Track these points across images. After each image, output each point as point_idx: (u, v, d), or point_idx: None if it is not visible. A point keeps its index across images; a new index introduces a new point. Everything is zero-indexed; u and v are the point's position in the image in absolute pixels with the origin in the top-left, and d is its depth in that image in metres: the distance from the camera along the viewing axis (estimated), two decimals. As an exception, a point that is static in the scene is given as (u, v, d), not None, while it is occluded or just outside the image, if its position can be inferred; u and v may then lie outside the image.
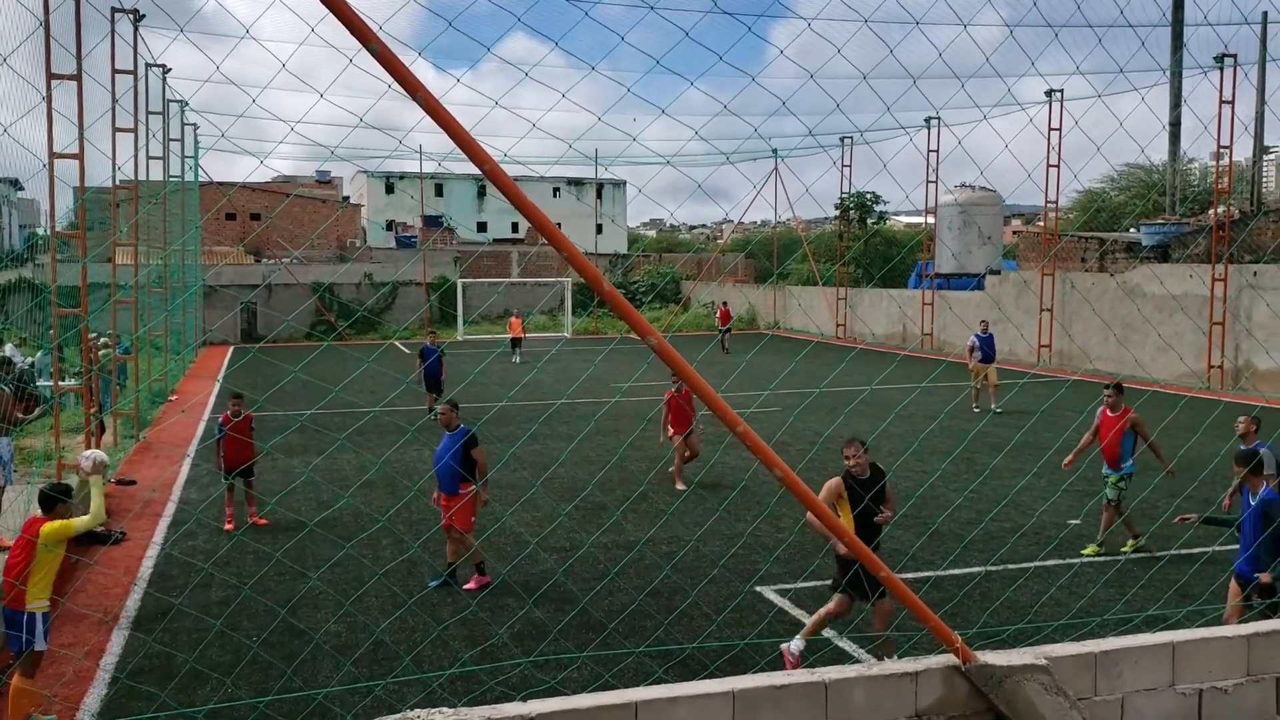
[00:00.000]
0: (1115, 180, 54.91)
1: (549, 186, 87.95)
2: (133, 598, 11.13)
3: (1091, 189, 55.78)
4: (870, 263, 52.19)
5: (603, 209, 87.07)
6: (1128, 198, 51.57)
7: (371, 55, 4.18)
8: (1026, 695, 5.04)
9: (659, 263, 65.66)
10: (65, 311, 16.96)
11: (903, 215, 67.84)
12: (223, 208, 59.02)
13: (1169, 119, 34.04)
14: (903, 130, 38.64)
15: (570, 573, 11.56)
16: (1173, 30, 33.93)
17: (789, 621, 9.96)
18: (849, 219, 53.14)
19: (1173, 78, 31.41)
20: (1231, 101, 26.59)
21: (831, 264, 50.28)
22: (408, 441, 19.96)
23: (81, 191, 16.22)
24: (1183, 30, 33.51)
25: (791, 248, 60.05)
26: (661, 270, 61.13)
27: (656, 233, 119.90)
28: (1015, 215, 73.26)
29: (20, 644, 7.80)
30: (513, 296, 53.25)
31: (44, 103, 14.18)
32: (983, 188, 39.84)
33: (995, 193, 40.73)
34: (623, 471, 16.83)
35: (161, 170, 26.94)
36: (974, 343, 23.91)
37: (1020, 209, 67.88)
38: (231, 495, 14.23)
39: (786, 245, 61.65)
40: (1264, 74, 32.18)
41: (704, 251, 76.40)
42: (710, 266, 61.91)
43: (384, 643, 9.47)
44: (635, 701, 4.70)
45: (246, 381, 30.07)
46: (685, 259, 66.99)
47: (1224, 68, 26.40)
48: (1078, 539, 12.60)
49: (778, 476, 4.86)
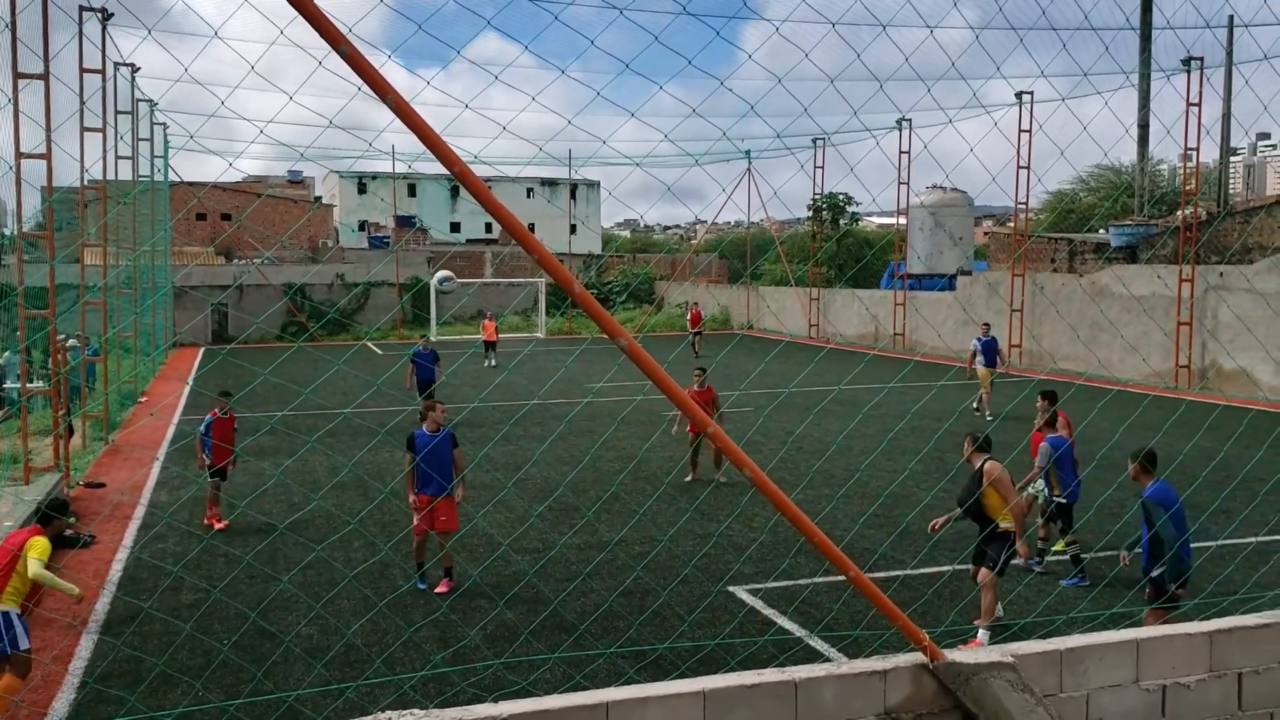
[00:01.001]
0: (1085, 182, 55.46)
1: (523, 187, 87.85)
2: (101, 601, 11.06)
3: (1062, 190, 56.32)
4: (843, 263, 52.47)
5: (576, 210, 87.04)
6: (1097, 199, 52.10)
7: (341, 58, 4.17)
8: (993, 692, 5.10)
9: (633, 263, 65.73)
10: (32, 313, 16.82)
11: (875, 216, 68.28)
12: (193, 208, 58.55)
13: (1137, 121, 34.41)
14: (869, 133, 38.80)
15: (542, 574, 11.57)
16: (1141, 33, 34.31)
17: (760, 621, 10.01)
18: (821, 220, 53.38)
19: (1140, 80, 31.74)
20: (1198, 104, 26.93)
21: (805, 265, 50.46)
22: (379, 444, 19.90)
23: (50, 193, 16.08)
24: (1150, 33, 33.88)
25: (765, 248, 60.27)
26: (635, 271, 61.15)
27: (631, 233, 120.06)
28: (987, 216, 73.73)
29: (4, 645, 7.82)
30: (486, 297, 53.13)
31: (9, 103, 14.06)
32: (953, 189, 40.14)
33: (965, 194, 41.05)
34: (596, 472, 16.85)
35: (130, 170, 26.74)
36: (975, 347, 23.14)
37: (992, 210, 68.32)
38: (217, 494, 14.13)
39: (760, 246, 61.84)
40: (1230, 77, 32.61)
41: (677, 252, 76.55)
42: (683, 267, 62.02)
43: (355, 645, 9.45)
44: (606, 702, 4.72)
45: (217, 383, 29.86)
46: (658, 259, 67.09)
47: (1190, 71, 26.72)
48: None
49: (747, 476, 4.88)
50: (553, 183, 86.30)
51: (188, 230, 59.54)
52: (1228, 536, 12.43)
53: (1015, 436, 19.09)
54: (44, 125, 15.32)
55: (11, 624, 7.82)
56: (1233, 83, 32.97)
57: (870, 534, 12.91)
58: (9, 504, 12.93)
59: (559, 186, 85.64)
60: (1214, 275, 27.18)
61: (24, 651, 7.94)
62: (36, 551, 7.93)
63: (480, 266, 60.82)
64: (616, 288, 57.91)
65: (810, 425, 19.68)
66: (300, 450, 18.95)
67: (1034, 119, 31.12)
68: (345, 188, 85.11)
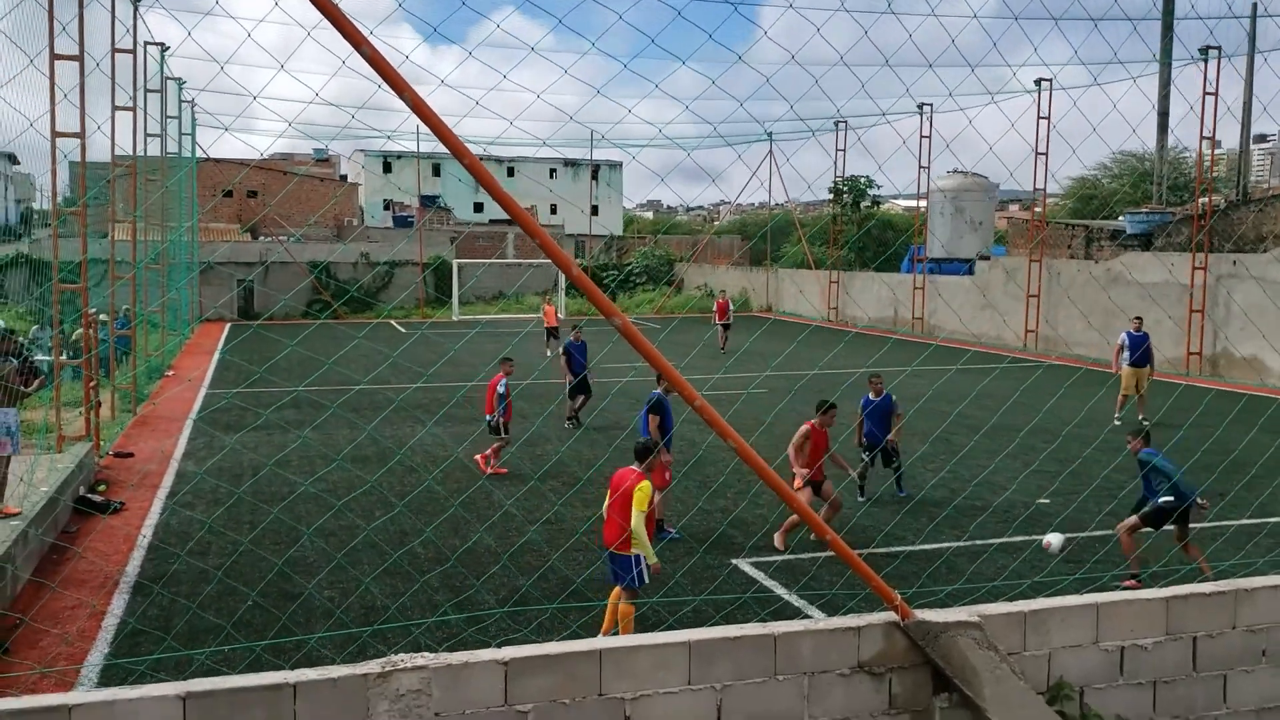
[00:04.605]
0: (1108, 168, 55.35)
1: (546, 167, 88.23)
2: (132, 564, 11.56)
3: (1084, 176, 56.23)
4: (863, 246, 52.62)
5: (599, 190, 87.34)
6: (1119, 185, 52.02)
7: (363, 59, 4.58)
8: (960, 649, 5.49)
9: (654, 244, 66.02)
10: (66, 287, 17.34)
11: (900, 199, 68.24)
12: (219, 185, 59.24)
13: (1157, 108, 34.42)
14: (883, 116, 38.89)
15: (554, 545, 12.00)
16: (1163, 22, 34.27)
17: (762, 592, 10.43)
18: (842, 203, 53.52)
19: (1161, 68, 31.77)
20: (1215, 93, 26.99)
21: (827, 247, 50.69)
22: (400, 417, 20.41)
23: (83, 169, 16.58)
24: (1173, 22, 33.84)
25: (787, 230, 60.48)
26: (656, 252, 61.45)
27: (654, 214, 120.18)
28: (1013, 200, 73.58)
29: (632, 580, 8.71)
30: (508, 277, 53.62)
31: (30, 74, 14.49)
32: (973, 174, 40.24)
33: (985, 179, 41.15)
34: (616, 450, 17.30)
35: (159, 147, 27.28)
36: (1123, 341, 20.59)
37: (1018, 194, 68.21)
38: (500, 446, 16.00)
39: (781, 228, 62.02)
40: (1252, 65, 32.56)
41: (698, 233, 76.77)
42: (705, 248, 62.28)
43: (374, 606, 9.92)
44: (600, 649, 5.14)
45: (244, 357, 30.51)
46: (678, 240, 67.36)
47: (1208, 59, 26.77)
48: (1044, 517, 13.05)
49: (732, 448, 5.29)
50: (575, 163, 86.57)
51: (214, 207, 60.24)
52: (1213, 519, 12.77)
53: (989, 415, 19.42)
54: (78, 104, 15.82)
55: (643, 567, 8.66)
56: (1254, 71, 32.92)
57: (876, 512, 13.30)
58: (44, 470, 13.46)
59: (582, 167, 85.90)
60: (1227, 263, 27.31)
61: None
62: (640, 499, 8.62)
63: (503, 246, 61.30)
64: (636, 269, 58.24)
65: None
66: (318, 419, 19.48)
67: (1055, 104, 31.22)
68: (370, 167, 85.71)
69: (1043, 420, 16.22)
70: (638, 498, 8.49)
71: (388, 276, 52.16)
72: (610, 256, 62.28)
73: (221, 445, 18.09)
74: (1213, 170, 29.54)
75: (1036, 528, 12.69)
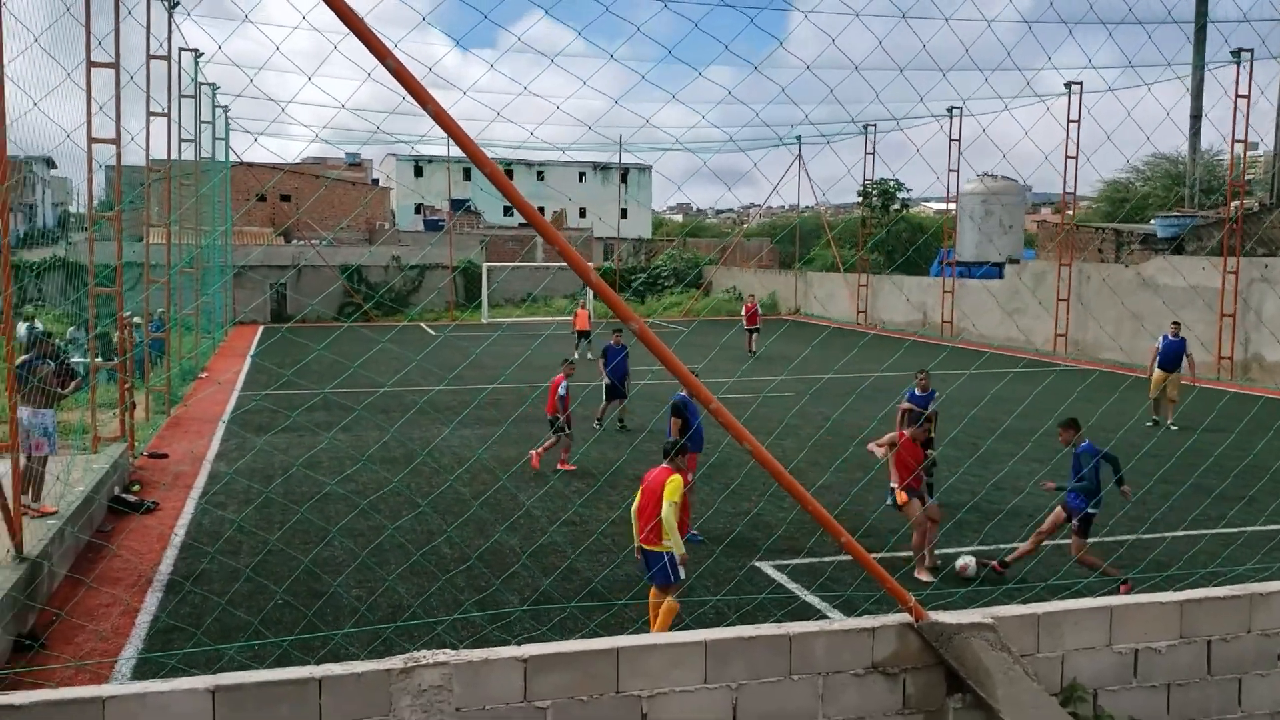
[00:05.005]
0: (1140, 171, 54.90)
1: (575, 171, 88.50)
2: (165, 563, 11.78)
3: (1116, 179, 55.78)
4: (892, 249, 52.51)
5: (628, 193, 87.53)
6: (1152, 188, 51.61)
7: (388, 71, 4.72)
8: (974, 650, 5.56)
9: (683, 247, 66.07)
10: (102, 290, 17.65)
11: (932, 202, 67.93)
12: (253, 189, 59.87)
13: (1189, 112, 34.16)
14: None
15: (575, 545, 12.12)
16: (1196, 24, 34.02)
17: (783, 594, 10.50)
18: (871, 206, 53.41)
19: (1194, 70, 31.54)
20: (1247, 96, 26.78)
21: (856, 250, 50.60)
22: (426, 419, 20.62)
23: (119, 176, 16.88)
24: (1205, 24, 33.59)
25: (816, 234, 60.41)
26: (683, 255, 61.52)
27: (683, 217, 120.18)
28: (1045, 204, 73.03)
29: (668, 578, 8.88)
30: (536, 280, 53.88)
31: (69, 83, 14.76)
32: (1003, 177, 40.06)
33: (1015, 182, 40.95)
34: (635, 451, 17.40)
35: (193, 152, 27.66)
36: (1158, 345, 20.94)
37: (1052, 198, 67.76)
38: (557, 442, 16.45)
39: (810, 231, 61.96)
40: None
41: (727, 235, 76.78)
42: (734, 251, 62.29)
43: (401, 605, 10.08)
44: (618, 647, 5.26)
45: (275, 360, 30.85)
46: (707, 242, 67.41)
47: (1240, 62, 26.56)
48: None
49: (748, 449, 5.39)
50: (605, 167, 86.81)
51: (247, 211, 60.88)
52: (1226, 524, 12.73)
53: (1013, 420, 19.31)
54: (114, 111, 16.12)
55: (675, 563, 8.84)
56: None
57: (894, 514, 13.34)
58: (80, 469, 13.72)
59: (611, 170, 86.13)
60: (1259, 267, 27.07)
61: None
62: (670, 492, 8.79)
63: (532, 250, 61.59)
64: (665, 271, 58.33)
65: (848, 410, 20.04)
66: (349, 420, 19.71)
67: (1084, 107, 31.06)
68: (402, 170, 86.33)
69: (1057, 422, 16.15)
70: (669, 489, 8.70)
71: (418, 280, 52.53)
72: (639, 259, 62.42)
73: (253, 446, 18.34)
74: (1245, 173, 29.27)
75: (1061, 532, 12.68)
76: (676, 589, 8.93)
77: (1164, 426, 20.41)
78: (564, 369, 16.72)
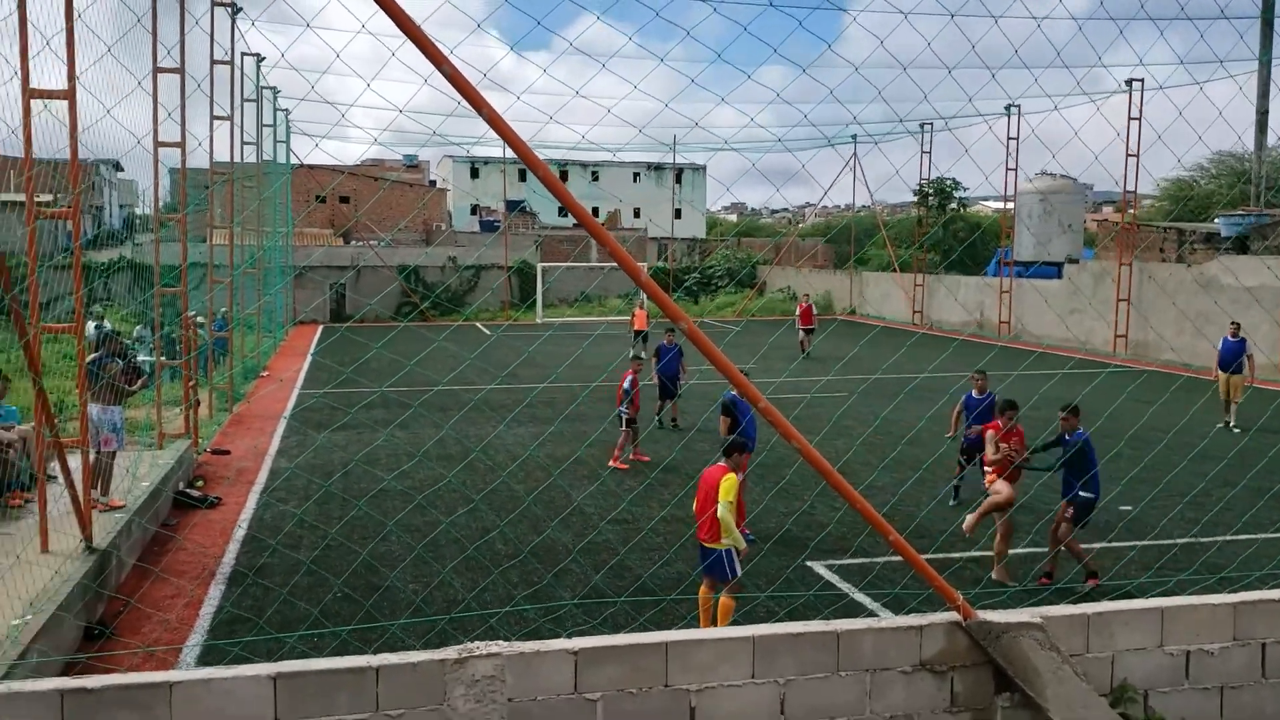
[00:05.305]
0: (1205, 169, 53.87)
1: (629, 171, 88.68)
2: (228, 556, 12.07)
3: (1180, 177, 54.79)
4: (949, 249, 52.00)
5: (682, 193, 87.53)
6: (1216, 186, 50.62)
7: (444, 77, 4.85)
8: (1022, 649, 5.57)
9: (737, 247, 65.94)
10: (167, 291, 18.09)
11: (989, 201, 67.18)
12: (313, 190, 60.79)
13: (1256, 108, 33.50)
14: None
15: (630, 545, 12.23)
16: (1262, 19, 33.37)
17: (833, 593, 10.52)
18: (928, 205, 52.93)
19: (1260, 67, 30.92)
20: (1316, 91, 26.21)
21: (910, 250, 50.20)
22: (484, 418, 20.85)
23: (184, 180, 17.28)
24: (1273, 19, 32.92)
25: (873, 233, 60.00)
26: (738, 255, 61.42)
27: (737, 216, 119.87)
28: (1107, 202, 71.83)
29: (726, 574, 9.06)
30: (591, 280, 54.13)
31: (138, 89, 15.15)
32: (1062, 176, 39.55)
33: (1075, 181, 40.39)
34: (686, 450, 17.48)
35: (255, 155, 28.20)
36: (1220, 347, 20.96)
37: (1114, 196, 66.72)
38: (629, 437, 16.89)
39: (866, 231, 61.56)
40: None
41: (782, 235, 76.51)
42: (788, 251, 62.08)
43: (455, 600, 10.25)
44: (666, 642, 5.35)
45: (335, 358, 31.35)
46: (761, 242, 67.22)
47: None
48: (1129, 522, 12.88)
49: (796, 448, 5.45)
50: (659, 167, 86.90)
51: (307, 211, 61.81)
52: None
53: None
54: (179, 115, 16.52)
55: (733, 559, 9.00)
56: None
57: (945, 513, 13.28)
58: (146, 465, 14.09)
59: (665, 171, 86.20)
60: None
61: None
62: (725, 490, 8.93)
63: (586, 250, 61.87)
64: (719, 271, 58.29)
65: (900, 410, 19.95)
66: (405, 417, 20.01)
67: (1145, 105, 30.57)
68: (459, 171, 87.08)
69: (1128, 425, 16.00)
70: (723, 488, 8.81)
71: (474, 279, 53.01)
72: (693, 259, 62.43)
73: (313, 443, 18.69)
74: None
75: (1112, 533, 12.57)
76: (730, 585, 9.00)
77: (1227, 428, 20.14)
78: (633, 365, 17.27)
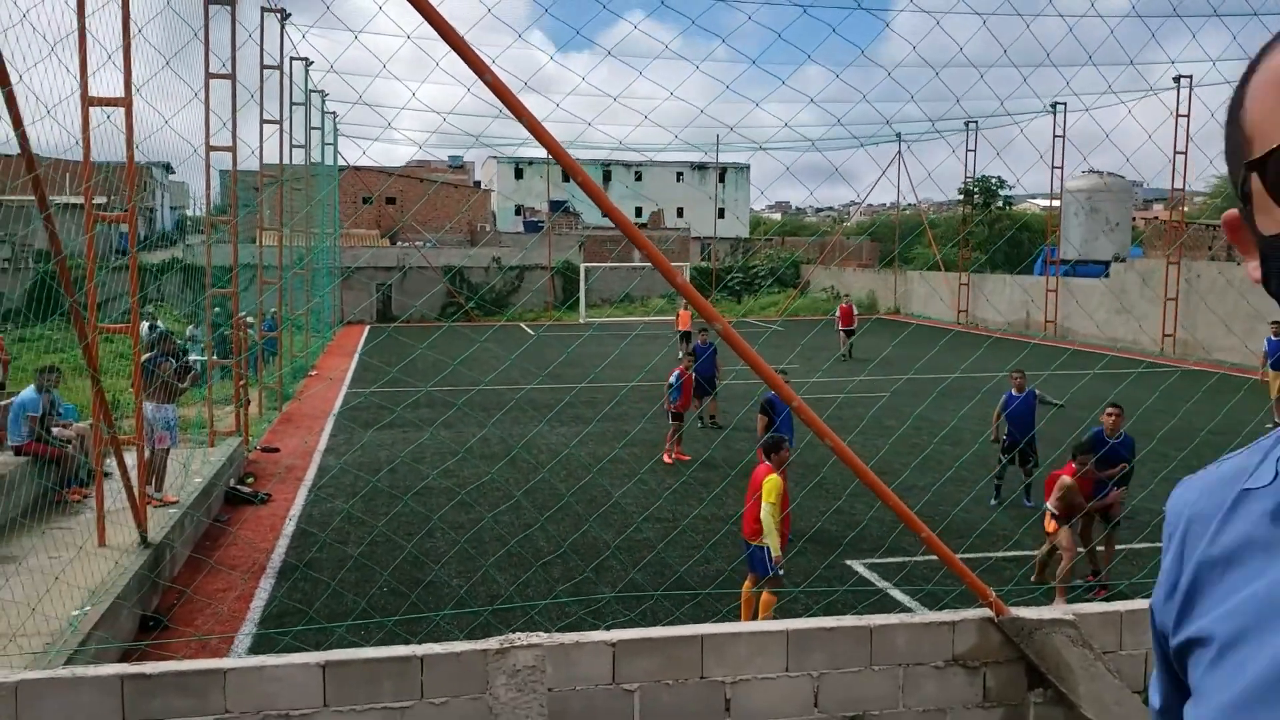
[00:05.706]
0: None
1: (673, 171, 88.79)
2: (277, 552, 12.36)
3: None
4: (994, 248, 51.62)
5: (725, 193, 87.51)
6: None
7: (486, 85, 5.01)
8: (1054, 646, 5.64)
9: (780, 246, 65.85)
10: (218, 292, 18.49)
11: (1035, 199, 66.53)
12: (359, 192, 61.52)
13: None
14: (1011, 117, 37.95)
15: (670, 542, 12.37)
16: (1314, 11, 32.76)
17: (870, 590, 10.59)
18: (973, 203, 52.58)
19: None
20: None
21: (958, 248, 49.91)
22: (526, 417, 21.08)
23: (234, 183, 17.65)
24: (1325, 10, 32.32)
25: (918, 231, 59.67)
26: (781, 254, 61.35)
27: (782, 215, 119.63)
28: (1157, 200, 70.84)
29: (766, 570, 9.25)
30: (633, 280, 54.34)
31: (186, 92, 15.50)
32: (1109, 173, 39.14)
33: (1122, 178, 39.96)
34: (724, 449, 17.58)
35: (304, 157, 28.65)
36: (1265, 348, 21.15)
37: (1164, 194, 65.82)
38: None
39: (910, 229, 61.21)
40: None
41: (826, 234, 76.28)
42: (833, 249, 61.91)
43: (498, 595, 10.44)
44: (702, 634, 5.48)
45: (382, 358, 31.78)
46: (805, 241, 67.05)
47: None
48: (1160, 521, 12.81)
49: (829, 446, 5.56)
50: (702, 167, 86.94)
51: (354, 213, 62.59)
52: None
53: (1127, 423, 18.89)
54: (230, 119, 16.88)
55: (770, 559, 9.15)
56: None
57: (980, 510, 13.29)
58: (199, 462, 14.45)
59: (708, 170, 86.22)
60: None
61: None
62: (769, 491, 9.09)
63: (629, 250, 62.07)
64: (762, 271, 58.26)
65: (937, 409, 19.94)
66: (447, 415, 20.30)
67: (1195, 103, 30.20)
68: (503, 173, 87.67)
69: (1177, 425, 15.87)
70: (765, 489, 8.91)
71: (518, 280, 53.40)
72: (736, 259, 62.44)
73: (360, 440, 19.01)
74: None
75: (1155, 533, 12.50)
76: (770, 581, 9.12)
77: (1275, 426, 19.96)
78: (683, 362, 18.00)
